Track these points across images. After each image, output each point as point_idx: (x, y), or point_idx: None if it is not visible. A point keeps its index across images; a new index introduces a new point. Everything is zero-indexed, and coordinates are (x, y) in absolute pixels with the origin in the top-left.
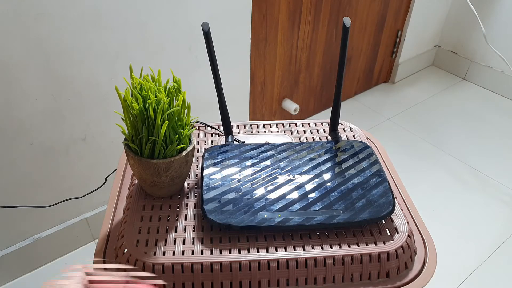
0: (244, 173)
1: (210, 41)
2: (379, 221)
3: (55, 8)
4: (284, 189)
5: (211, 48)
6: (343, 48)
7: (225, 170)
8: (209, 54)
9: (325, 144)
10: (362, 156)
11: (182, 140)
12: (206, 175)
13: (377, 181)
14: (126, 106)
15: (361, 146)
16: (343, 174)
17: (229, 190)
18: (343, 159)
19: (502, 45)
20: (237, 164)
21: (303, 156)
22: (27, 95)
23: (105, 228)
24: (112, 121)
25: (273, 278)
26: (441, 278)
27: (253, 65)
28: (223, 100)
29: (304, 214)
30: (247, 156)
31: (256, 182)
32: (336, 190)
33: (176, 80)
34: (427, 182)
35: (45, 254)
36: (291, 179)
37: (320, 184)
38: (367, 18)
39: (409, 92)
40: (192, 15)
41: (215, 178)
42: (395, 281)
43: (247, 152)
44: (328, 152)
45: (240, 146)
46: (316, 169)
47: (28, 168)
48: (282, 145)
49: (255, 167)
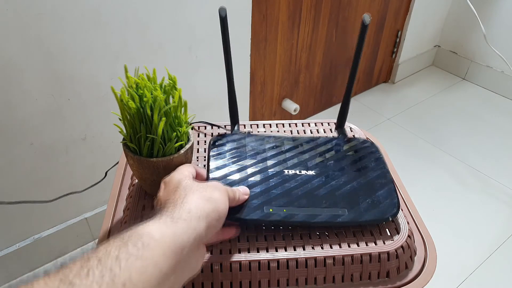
0: (250, 166)
1: (226, 27)
2: (382, 223)
3: (55, 8)
4: (290, 184)
5: (226, 34)
6: (360, 45)
7: (231, 162)
8: (223, 40)
9: (332, 140)
10: (368, 155)
11: (181, 137)
12: (211, 169)
13: (383, 182)
14: (123, 106)
15: (367, 145)
16: (349, 172)
17: (234, 182)
18: (349, 157)
19: (502, 45)
20: (243, 157)
21: (311, 150)
22: (27, 95)
23: (105, 228)
24: (112, 121)
25: (273, 278)
26: (441, 278)
27: (253, 65)
28: (232, 88)
29: (309, 211)
30: (254, 149)
31: (262, 176)
32: (342, 188)
33: (172, 78)
34: (427, 182)
35: (45, 254)
36: (297, 173)
37: (326, 181)
38: None
39: (409, 92)
40: (192, 15)
41: (221, 169)
42: (395, 281)
43: (254, 143)
44: (335, 148)
45: (246, 136)
46: (323, 165)
47: (28, 168)
48: (290, 139)
49: (262, 160)
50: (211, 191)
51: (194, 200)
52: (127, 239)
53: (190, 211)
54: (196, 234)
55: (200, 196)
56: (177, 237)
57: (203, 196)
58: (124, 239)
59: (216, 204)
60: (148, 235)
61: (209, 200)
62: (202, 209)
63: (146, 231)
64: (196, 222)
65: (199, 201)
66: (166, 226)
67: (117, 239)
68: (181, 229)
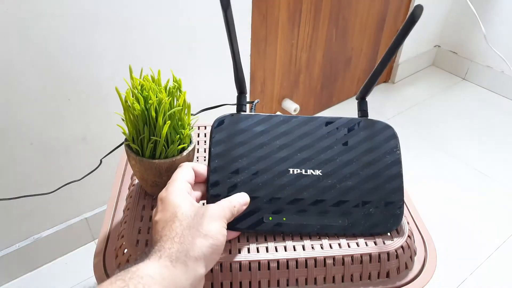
0: (254, 164)
1: (230, 18)
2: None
3: (55, 8)
4: (295, 187)
5: (228, 20)
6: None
7: (234, 154)
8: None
9: (351, 125)
10: (385, 148)
11: (183, 140)
12: (212, 170)
13: (393, 187)
14: (127, 107)
15: (389, 134)
16: (360, 172)
17: (236, 185)
18: (364, 151)
19: (502, 45)
20: (246, 155)
21: (323, 140)
22: (27, 95)
23: (105, 228)
24: (112, 121)
25: (273, 278)
26: (441, 278)
27: (253, 65)
28: (237, 59)
29: (310, 220)
30: (261, 134)
31: (265, 177)
32: (349, 193)
33: (177, 80)
34: (427, 182)
35: (45, 254)
36: (303, 174)
37: (332, 184)
38: (367, 18)
39: (409, 92)
40: (192, 15)
41: (222, 160)
42: (395, 281)
43: (261, 126)
44: (351, 138)
45: (254, 117)
46: (332, 162)
47: (28, 168)
48: (303, 122)
49: (269, 154)
50: (207, 224)
51: (190, 240)
52: (128, 280)
53: (187, 253)
54: (194, 276)
55: (197, 234)
56: (176, 279)
57: (199, 234)
58: (125, 280)
59: (213, 239)
60: (148, 277)
61: (205, 237)
62: (199, 249)
63: (146, 273)
64: (193, 263)
65: (195, 240)
66: (166, 269)
67: (119, 280)
68: (179, 272)
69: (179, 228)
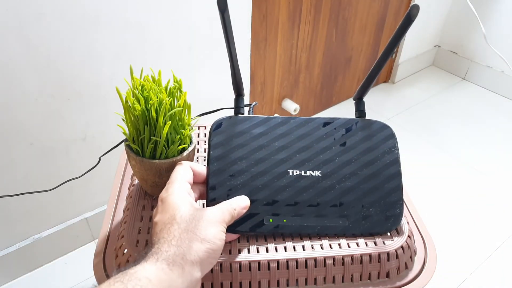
0: (254, 166)
1: (227, 20)
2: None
3: (55, 8)
4: (294, 188)
5: (226, 22)
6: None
7: (233, 156)
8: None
9: (348, 125)
10: (384, 147)
11: (184, 140)
12: (211, 173)
13: (392, 186)
14: (128, 107)
15: (387, 134)
16: (359, 172)
17: (236, 188)
18: (363, 151)
19: (502, 45)
20: (245, 157)
21: (322, 140)
22: (27, 95)
23: (105, 228)
24: (112, 121)
25: (273, 279)
26: (441, 278)
27: (253, 65)
28: (235, 61)
29: (310, 221)
30: (260, 136)
31: (265, 179)
32: (348, 194)
33: (177, 81)
34: (427, 182)
35: (45, 254)
36: (302, 175)
37: (332, 184)
38: (367, 18)
39: (409, 92)
40: (192, 15)
41: (221, 162)
42: (395, 281)
43: (260, 128)
44: (349, 138)
45: (252, 119)
46: (331, 163)
47: (28, 168)
48: (301, 124)
49: (268, 156)
50: (205, 228)
51: (187, 244)
52: (126, 282)
53: (183, 256)
54: (190, 280)
55: (194, 238)
56: (173, 282)
57: (197, 238)
58: (124, 282)
59: (210, 243)
60: (146, 279)
61: (202, 241)
62: (195, 253)
63: (144, 275)
64: (190, 267)
65: (192, 244)
66: (163, 272)
67: (117, 282)
68: (176, 275)
69: (177, 231)
